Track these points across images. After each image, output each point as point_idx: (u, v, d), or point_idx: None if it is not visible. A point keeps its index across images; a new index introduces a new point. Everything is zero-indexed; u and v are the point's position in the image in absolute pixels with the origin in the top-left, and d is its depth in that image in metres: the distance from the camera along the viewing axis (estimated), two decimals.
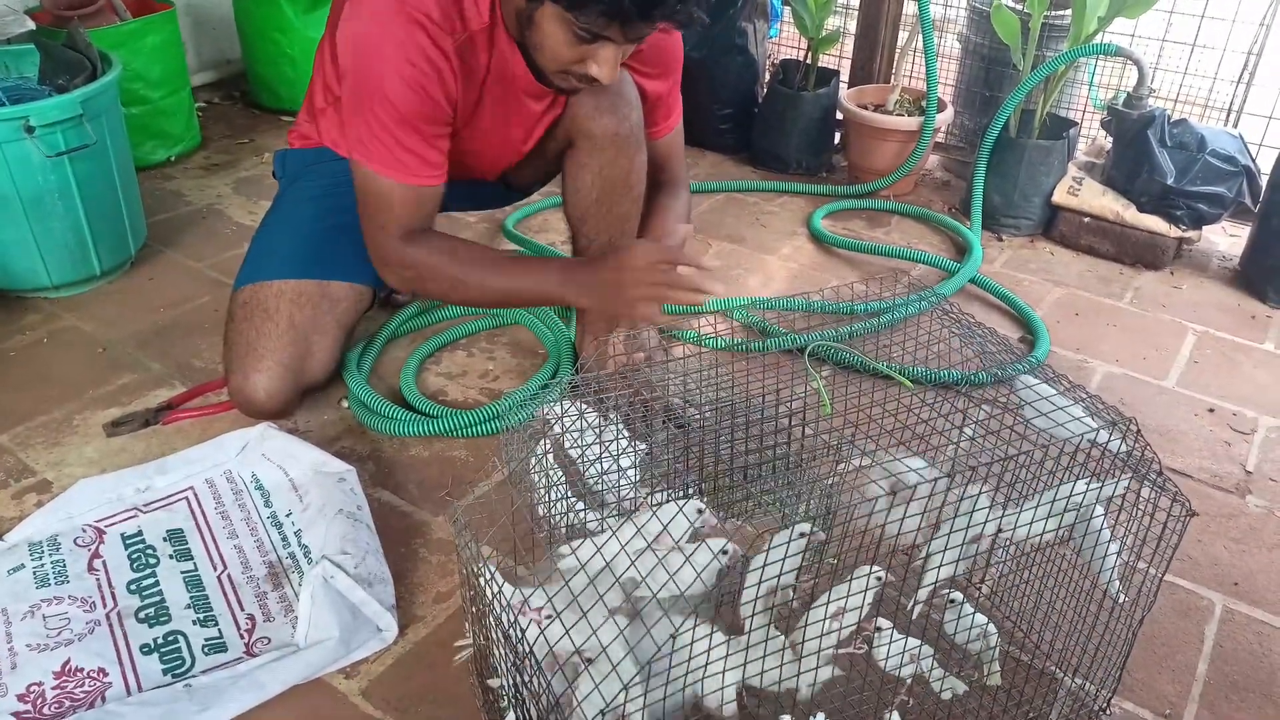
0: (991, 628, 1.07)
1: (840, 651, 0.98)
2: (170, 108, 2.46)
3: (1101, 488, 1.00)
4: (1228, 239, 2.28)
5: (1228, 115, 2.35)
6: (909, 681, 1.04)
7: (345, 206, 1.59)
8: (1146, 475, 0.96)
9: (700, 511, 0.95)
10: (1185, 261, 2.19)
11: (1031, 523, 1.01)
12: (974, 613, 1.07)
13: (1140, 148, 2.12)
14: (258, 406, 1.51)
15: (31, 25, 2.29)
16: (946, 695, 1.05)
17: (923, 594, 1.03)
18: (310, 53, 2.22)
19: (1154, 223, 2.13)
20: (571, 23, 1.19)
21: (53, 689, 1.10)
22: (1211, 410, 1.69)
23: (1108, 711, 1.12)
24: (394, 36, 1.24)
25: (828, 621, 0.96)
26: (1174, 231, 2.12)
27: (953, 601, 1.04)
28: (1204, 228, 2.17)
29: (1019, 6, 2.38)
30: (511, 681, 0.92)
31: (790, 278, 2.09)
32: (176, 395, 1.62)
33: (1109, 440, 0.97)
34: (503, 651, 0.93)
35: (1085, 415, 0.99)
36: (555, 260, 1.38)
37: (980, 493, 1.02)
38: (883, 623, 1.01)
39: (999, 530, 1.02)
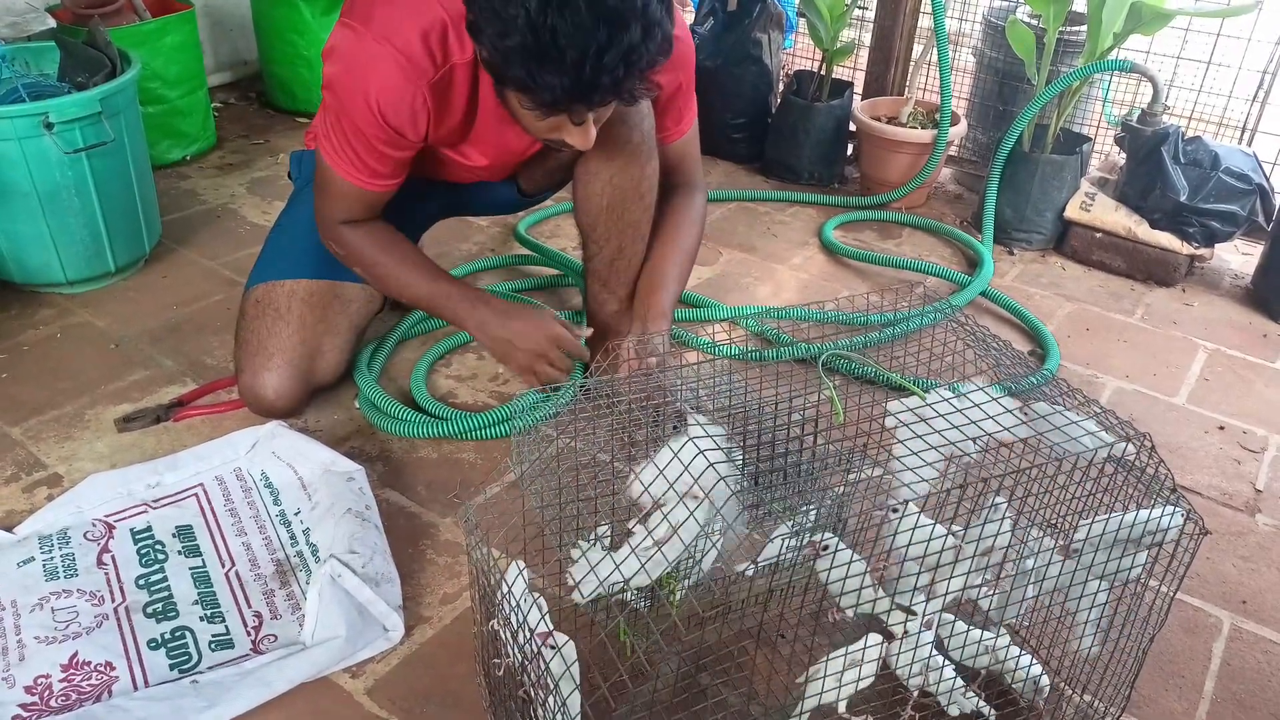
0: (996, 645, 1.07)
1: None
2: (187, 107, 2.48)
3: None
4: (1240, 257, 2.28)
5: (1242, 133, 2.35)
6: (915, 694, 1.04)
7: None
8: (1159, 492, 0.96)
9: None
10: (1197, 279, 2.19)
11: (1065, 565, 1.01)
12: (982, 631, 1.07)
13: (1154, 164, 2.12)
14: (267, 405, 1.52)
15: (52, 23, 2.31)
16: (954, 711, 1.05)
17: (933, 606, 1.03)
18: None
19: (1166, 239, 2.12)
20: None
21: (60, 682, 1.10)
22: (1222, 428, 1.69)
23: None
24: (373, 70, 1.28)
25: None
26: (1186, 249, 2.11)
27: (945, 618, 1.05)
28: (1216, 245, 2.16)
29: (1034, 21, 2.38)
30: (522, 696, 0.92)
31: (801, 288, 2.09)
32: (188, 392, 1.63)
33: (1123, 452, 0.97)
34: (515, 655, 0.93)
35: (1100, 430, 0.99)
36: (479, 298, 1.54)
37: (993, 504, 1.01)
38: (896, 630, 1.01)
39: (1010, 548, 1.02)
